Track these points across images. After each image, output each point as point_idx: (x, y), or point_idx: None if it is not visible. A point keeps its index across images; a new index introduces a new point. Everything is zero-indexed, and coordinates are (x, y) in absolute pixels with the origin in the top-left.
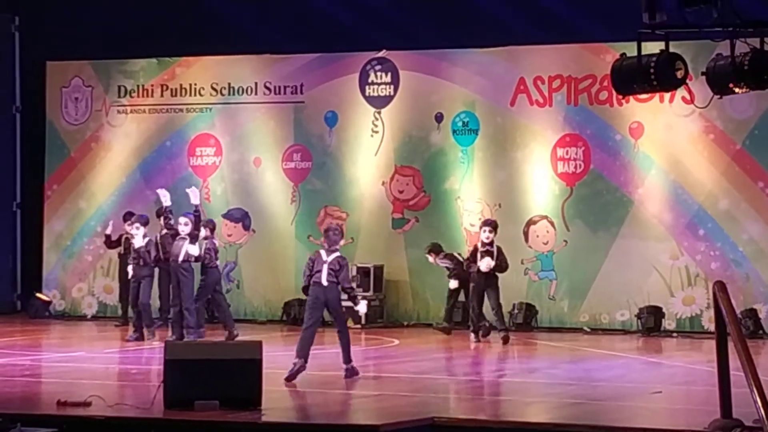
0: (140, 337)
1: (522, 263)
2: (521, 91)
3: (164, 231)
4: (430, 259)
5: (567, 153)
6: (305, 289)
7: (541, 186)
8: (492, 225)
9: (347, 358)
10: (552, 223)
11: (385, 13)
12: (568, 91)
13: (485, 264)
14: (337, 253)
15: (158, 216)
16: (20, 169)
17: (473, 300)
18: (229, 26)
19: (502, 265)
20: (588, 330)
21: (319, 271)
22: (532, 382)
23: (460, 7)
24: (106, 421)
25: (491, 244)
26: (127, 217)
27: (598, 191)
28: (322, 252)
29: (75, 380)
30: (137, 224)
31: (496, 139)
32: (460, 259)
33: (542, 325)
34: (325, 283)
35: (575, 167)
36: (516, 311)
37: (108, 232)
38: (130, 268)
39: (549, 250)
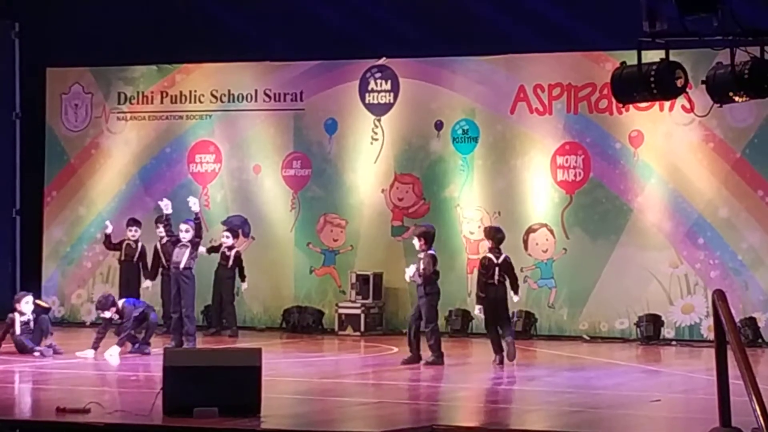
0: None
1: (521, 271)
2: (521, 99)
3: (165, 239)
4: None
5: (567, 161)
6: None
7: (541, 194)
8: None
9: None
10: (551, 231)
11: (385, 20)
12: (567, 99)
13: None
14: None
15: (157, 223)
16: (20, 175)
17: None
18: (229, 33)
19: (425, 273)
20: (587, 338)
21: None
22: (531, 390)
23: (460, 15)
24: (105, 427)
25: (422, 252)
26: (130, 223)
27: (598, 199)
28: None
29: (74, 387)
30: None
31: (496, 147)
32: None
33: (541, 333)
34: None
35: (575, 175)
36: (515, 319)
37: (108, 231)
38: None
39: (548, 258)
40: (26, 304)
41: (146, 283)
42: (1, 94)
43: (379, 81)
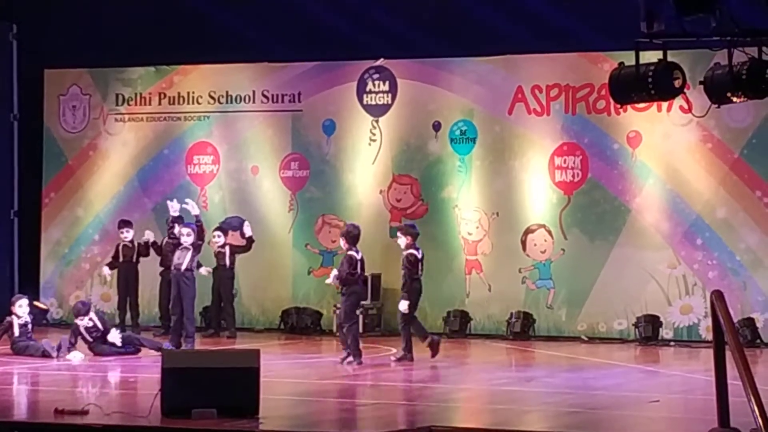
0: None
1: (520, 272)
2: (519, 99)
3: (166, 240)
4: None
5: (565, 162)
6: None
7: (539, 195)
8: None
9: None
10: (550, 232)
11: (383, 21)
12: (565, 100)
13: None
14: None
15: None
16: (18, 176)
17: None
18: (227, 34)
19: (340, 275)
20: (586, 339)
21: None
22: (530, 391)
23: (458, 16)
24: (103, 429)
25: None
26: (122, 225)
27: (596, 200)
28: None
29: (72, 388)
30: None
31: (494, 147)
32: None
33: (540, 333)
34: None
35: (573, 176)
36: (514, 320)
37: (106, 273)
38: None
39: (546, 259)
40: (20, 308)
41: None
42: None
43: (377, 82)
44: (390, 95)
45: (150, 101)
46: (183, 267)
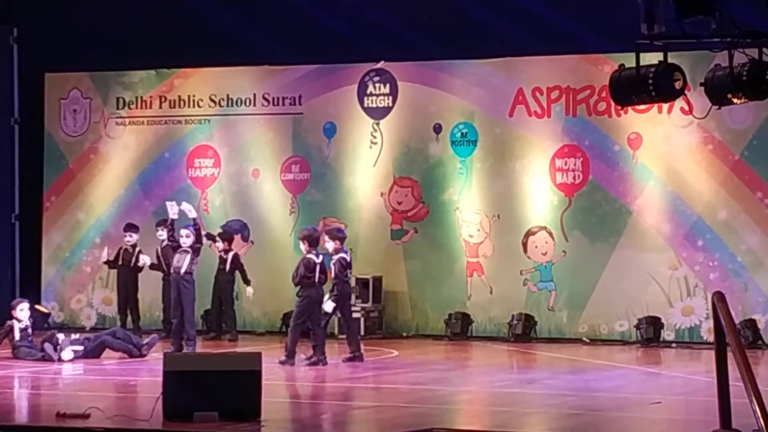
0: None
1: (521, 274)
2: (520, 102)
3: (165, 242)
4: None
5: (565, 164)
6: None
7: (540, 197)
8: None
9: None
10: (551, 234)
11: (384, 24)
12: (566, 102)
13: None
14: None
15: (158, 227)
16: (19, 180)
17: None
18: (228, 38)
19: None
20: (587, 341)
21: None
22: (531, 393)
23: (459, 19)
24: None
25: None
26: (127, 228)
27: (597, 202)
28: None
29: (74, 392)
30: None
31: (495, 150)
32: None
33: (541, 335)
34: None
35: (574, 178)
36: (515, 322)
37: (105, 259)
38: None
39: (548, 261)
40: (21, 311)
41: (145, 258)
42: (0, 100)
43: (377, 85)
44: (391, 98)
45: (151, 104)
46: (182, 270)
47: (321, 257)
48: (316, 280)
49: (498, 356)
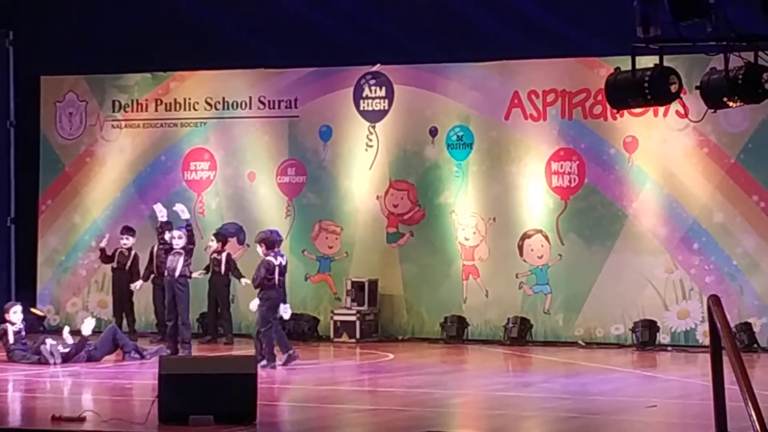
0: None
1: (517, 277)
2: (515, 105)
3: (157, 246)
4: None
5: (561, 167)
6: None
7: (536, 200)
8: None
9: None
10: (546, 237)
11: (380, 27)
12: (562, 105)
13: None
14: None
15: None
16: (14, 183)
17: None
18: (224, 40)
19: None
20: (583, 344)
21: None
22: (527, 396)
23: (454, 21)
24: None
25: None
26: (124, 231)
27: (593, 205)
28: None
29: (70, 395)
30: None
31: (491, 153)
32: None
33: (537, 339)
34: None
35: (569, 181)
36: (511, 325)
37: (103, 245)
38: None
39: (544, 264)
40: (14, 314)
41: (137, 283)
42: None
43: (373, 88)
44: (386, 101)
45: (146, 108)
46: (176, 273)
47: (280, 259)
48: (276, 282)
49: (494, 359)
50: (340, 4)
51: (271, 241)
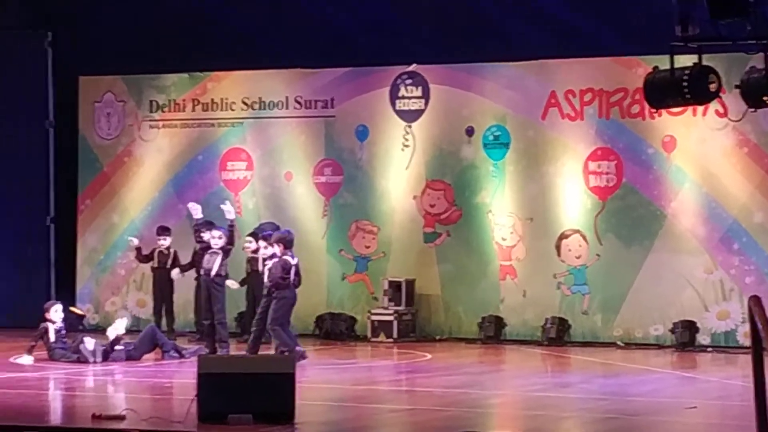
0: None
1: (554, 277)
2: (552, 104)
3: (197, 246)
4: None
5: (599, 167)
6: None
7: (573, 200)
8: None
9: None
10: (584, 237)
11: (415, 27)
12: (599, 104)
13: None
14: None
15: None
16: (53, 183)
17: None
18: (260, 41)
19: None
20: (621, 344)
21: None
22: (565, 397)
23: (490, 21)
24: None
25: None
26: (160, 231)
27: (631, 205)
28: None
29: (109, 394)
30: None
31: (528, 152)
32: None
33: (575, 339)
34: None
35: (607, 181)
36: (549, 325)
37: (137, 244)
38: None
39: (581, 264)
40: (55, 313)
41: (176, 271)
42: (35, 103)
43: (409, 87)
44: (423, 100)
45: (184, 108)
46: (213, 272)
47: (296, 259)
48: (291, 281)
49: (531, 360)
50: (376, 4)
51: (288, 241)
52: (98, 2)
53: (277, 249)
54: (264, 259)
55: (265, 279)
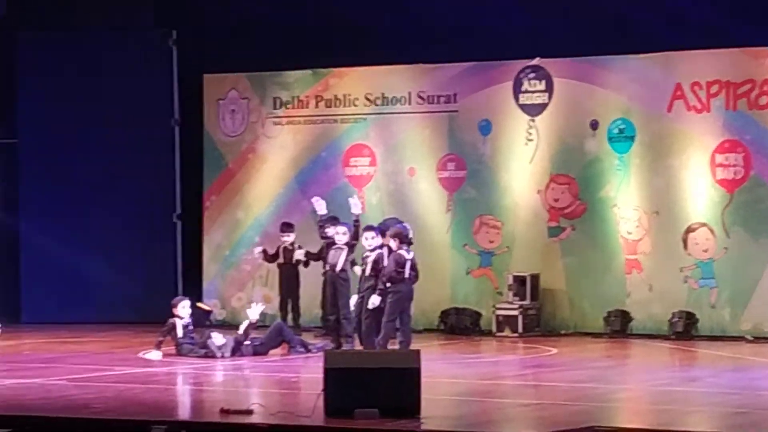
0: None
1: (681, 271)
2: (678, 97)
3: (323, 243)
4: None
5: (726, 159)
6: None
7: (700, 193)
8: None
9: None
10: (711, 231)
11: (539, 20)
12: (726, 96)
13: None
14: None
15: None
16: (179, 180)
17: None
18: (382, 36)
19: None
20: (751, 338)
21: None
22: (693, 391)
23: (613, 14)
24: (268, 428)
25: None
26: (284, 228)
27: (760, 198)
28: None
29: (237, 388)
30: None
31: (653, 145)
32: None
33: (703, 333)
34: None
35: (735, 173)
36: (676, 319)
37: (259, 251)
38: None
39: (709, 258)
40: (183, 308)
41: (299, 252)
42: (160, 101)
43: (533, 81)
44: (546, 94)
45: (307, 104)
46: (338, 267)
47: (411, 253)
48: (406, 275)
49: (658, 354)
50: None
51: (404, 236)
52: (222, 1)
53: (393, 243)
54: (370, 250)
55: (367, 270)
